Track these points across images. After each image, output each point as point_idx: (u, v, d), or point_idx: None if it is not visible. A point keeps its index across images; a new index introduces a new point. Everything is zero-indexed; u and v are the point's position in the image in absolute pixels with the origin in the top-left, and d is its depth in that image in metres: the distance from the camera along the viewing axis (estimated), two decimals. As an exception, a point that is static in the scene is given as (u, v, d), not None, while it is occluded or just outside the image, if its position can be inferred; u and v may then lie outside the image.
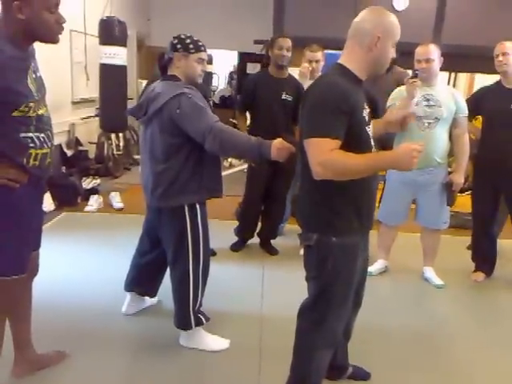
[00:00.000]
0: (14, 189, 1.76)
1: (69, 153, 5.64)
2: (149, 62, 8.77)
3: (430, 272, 3.39)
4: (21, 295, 2.03)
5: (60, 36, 1.79)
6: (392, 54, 1.72)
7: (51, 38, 1.76)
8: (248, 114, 3.77)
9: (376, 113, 2.79)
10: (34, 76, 1.78)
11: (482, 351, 2.59)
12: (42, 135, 1.81)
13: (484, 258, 3.47)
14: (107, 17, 5.36)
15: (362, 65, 1.71)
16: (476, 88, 6.65)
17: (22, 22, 1.66)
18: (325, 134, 1.59)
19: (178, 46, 2.24)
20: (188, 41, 2.24)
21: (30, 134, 1.76)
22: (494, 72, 3.21)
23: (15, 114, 1.69)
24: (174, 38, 2.27)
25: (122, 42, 5.37)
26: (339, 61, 1.75)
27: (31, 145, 1.76)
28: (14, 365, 2.10)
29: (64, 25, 1.77)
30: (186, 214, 2.26)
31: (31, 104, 1.72)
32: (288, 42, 3.39)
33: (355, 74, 1.71)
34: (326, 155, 1.57)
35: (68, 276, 3.13)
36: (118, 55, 5.31)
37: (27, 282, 2.03)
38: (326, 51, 3.69)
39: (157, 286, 2.68)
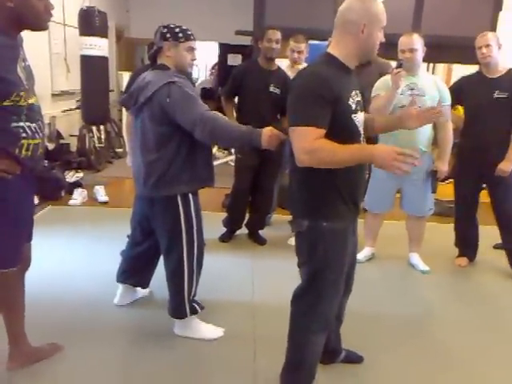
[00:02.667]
0: (7, 180, 1.74)
1: (50, 146, 5.55)
2: (128, 53, 8.69)
3: (415, 258, 3.48)
4: (14, 288, 2.01)
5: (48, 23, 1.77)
6: (380, 38, 1.74)
7: (40, 25, 1.74)
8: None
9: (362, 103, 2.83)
10: (23, 64, 1.76)
11: (468, 333, 2.67)
12: (34, 125, 1.79)
13: (467, 243, 3.57)
14: (87, 7, 5.28)
15: (350, 52, 1.72)
16: (454, 78, 6.80)
17: (10, 10, 1.64)
18: (309, 122, 1.62)
19: (168, 36, 2.23)
20: (177, 30, 2.24)
21: (22, 124, 1.74)
22: (472, 62, 3.27)
23: (6, 103, 1.67)
24: (163, 27, 2.26)
25: (102, 32, 5.30)
26: (328, 49, 1.78)
27: (23, 135, 1.75)
28: (9, 358, 2.09)
29: None
30: (179, 203, 2.27)
31: (22, 93, 1.70)
32: (277, 35, 3.41)
33: (343, 62, 1.73)
34: (310, 143, 1.61)
35: (56, 269, 3.11)
36: (98, 46, 5.25)
37: (20, 274, 2.02)
38: (309, 42, 3.72)
39: (149, 276, 2.69)
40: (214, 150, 6.35)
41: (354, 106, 1.73)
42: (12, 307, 2.04)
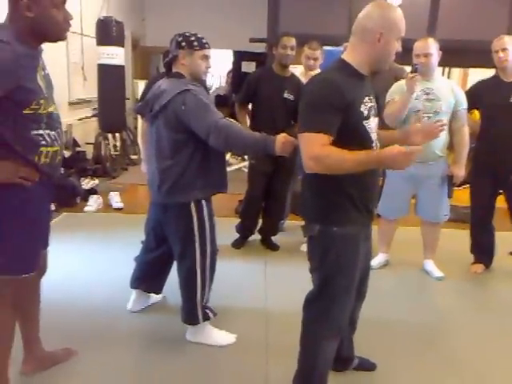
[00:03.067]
0: (26, 187, 1.77)
1: (66, 153, 5.63)
2: (144, 62, 8.80)
3: (430, 265, 3.43)
4: (30, 294, 2.04)
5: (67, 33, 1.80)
6: (397, 48, 1.73)
7: (59, 35, 1.77)
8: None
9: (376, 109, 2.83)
10: (42, 73, 1.79)
11: (482, 341, 2.62)
12: (53, 133, 1.81)
13: (483, 250, 3.51)
14: (104, 17, 5.36)
15: (365, 59, 1.72)
16: (470, 83, 6.73)
17: (30, 20, 1.67)
18: (317, 129, 1.62)
19: (183, 44, 2.26)
20: (192, 38, 2.26)
21: (41, 132, 1.76)
22: (488, 66, 3.23)
23: (26, 111, 1.69)
24: (179, 35, 2.29)
25: (119, 42, 5.37)
26: (342, 56, 1.78)
27: (42, 142, 1.77)
28: (24, 362, 2.11)
29: None
30: (193, 209, 2.28)
31: (41, 101, 1.73)
32: (292, 41, 3.41)
33: (356, 68, 1.73)
34: (317, 150, 1.61)
35: (71, 275, 3.14)
36: (115, 55, 5.32)
37: (37, 280, 2.04)
38: (324, 48, 3.72)
39: (162, 282, 2.70)
40: (228, 156, 6.37)
41: (366, 113, 1.72)
42: (27, 313, 2.07)
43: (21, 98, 1.67)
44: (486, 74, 3.84)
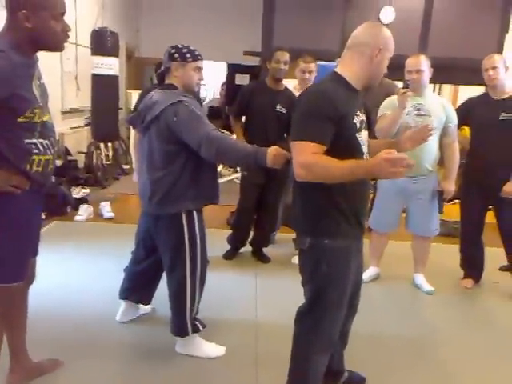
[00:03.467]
0: (16, 196, 1.76)
1: (58, 162, 5.60)
2: (138, 72, 8.82)
3: (420, 279, 3.44)
4: (17, 303, 2.01)
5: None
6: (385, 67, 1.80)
7: (57, 46, 1.79)
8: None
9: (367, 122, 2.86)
10: (38, 82, 1.80)
11: (472, 356, 2.63)
12: (46, 141, 1.81)
13: (472, 264, 3.53)
14: (99, 28, 5.38)
15: (358, 75, 1.76)
16: (460, 99, 6.82)
17: (28, 31, 1.68)
18: (310, 138, 1.64)
19: (176, 56, 2.27)
20: (185, 50, 2.28)
21: (35, 140, 1.76)
22: (478, 83, 3.28)
23: (21, 119, 1.70)
24: (172, 47, 2.30)
25: (114, 52, 5.39)
26: (335, 69, 1.80)
27: (35, 151, 1.77)
28: (10, 372, 2.08)
29: None
30: (184, 221, 2.28)
31: (36, 110, 1.73)
32: (286, 56, 3.45)
33: (349, 82, 1.76)
34: (308, 158, 1.62)
35: (60, 285, 3.11)
36: (110, 65, 5.33)
37: (25, 288, 2.02)
38: (317, 62, 3.76)
39: (151, 293, 2.68)
40: (220, 167, 6.39)
41: (358, 125, 1.74)
42: (14, 322, 2.04)
43: (15, 106, 1.68)
44: (476, 91, 3.91)
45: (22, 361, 2.10)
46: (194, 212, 2.30)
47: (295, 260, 3.66)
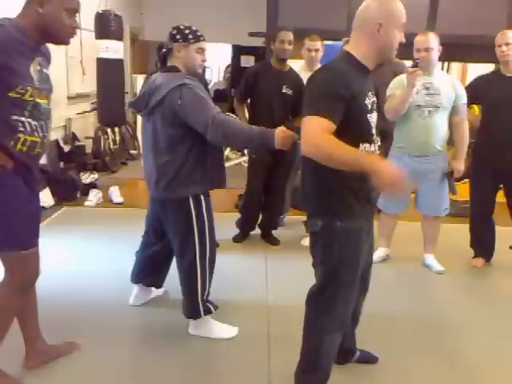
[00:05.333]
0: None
1: (66, 148, 5.62)
2: (142, 56, 8.75)
3: (430, 259, 3.44)
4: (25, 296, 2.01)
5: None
6: (400, 38, 1.72)
7: (63, 37, 1.79)
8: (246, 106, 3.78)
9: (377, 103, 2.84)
10: (38, 68, 1.78)
11: (483, 335, 2.64)
12: (35, 123, 1.79)
13: (483, 244, 3.52)
14: (103, 10, 5.34)
15: (368, 52, 1.72)
16: (469, 77, 6.72)
17: (39, 16, 1.70)
18: (320, 113, 1.59)
19: (178, 37, 2.24)
20: (187, 31, 2.25)
21: (23, 119, 1.74)
22: (487, 61, 3.22)
23: (11, 94, 1.69)
24: (173, 28, 2.27)
25: (118, 36, 5.35)
26: (347, 49, 1.78)
27: (21, 129, 1.74)
28: (26, 357, 2.12)
29: None
30: (191, 204, 2.28)
31: (29, 88, 1.72)
32: (289, 36, 3.41)
33: (361, 62, 1.73)
34: (318, 135, 1.58)
35: (71, 269, 3.15)
36: (114, 49, 5.30)
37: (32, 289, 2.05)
38: (323, 42, 3.71)
39: (163, 276, 2.71)
40: (227, 151, 6.37)
41: (369, 106, 1.73)
42: (25, 311, 2.06)
43: (5, 77, 1.66)
44: (485, 68, 3.84)
45: (37, 345, 2.14)
46: (202, 196, 2.31)
47: (305, 242, 3.67)
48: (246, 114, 3.76)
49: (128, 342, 2.41)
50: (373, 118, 1.76)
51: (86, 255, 3.40)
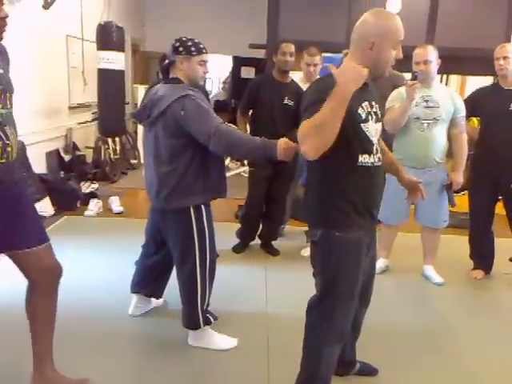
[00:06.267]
0: None
1: (66, 157, 5.65)
2: (143, 67, 8.83)
3: (430, 270, 3.44)
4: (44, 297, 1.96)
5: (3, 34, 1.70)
6: (397, 55, 1.74)
7: None
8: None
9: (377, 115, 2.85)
10: None
11: (483, 347, 2.63)
12: None
13: (482, 256, 3.53)
14: (105, 22, 5.38)
15: (361, 66, 1.74)
16: (467, 90, 6.77)
17: None
18: (307, 119, 1.61)
19: (180, 49, 2.26)
20: (190, 43, 2.27)
21: None
22: (486, 74, 3.25)
23: None
24: (176, 40, 2.30)
25: (119, 47, 5.39)
26: (344, 60, 1.80)
27: None
28: (32, 381, 1.99)
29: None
30: (192, 215, 2.29)
31: None
32: (291, 48, 3.44)
33: None
34: (300, 132, 1.62)
35: (71, 279, 3.09)
36: (116, 60, 5.33)
37: (46, 288, 1.96)
38: (323, 54, 3.74)
39: (163, 287, 2.71)
40: (227, 161, 6.39)
41: (364, 116, 1.73)
42: (39, 326, 1.97)
43: None
44: (484, 81, 3.87)
45: (46, 370, 1.99)
46: (202, 206, 2.31)
47: (304, 252, 3.68)
48: (247, 126, 3.78)
49: (127, 353, 2.40)
50: (369, 127, 1.76)
51: (85, 265, 3.39)
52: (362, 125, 1.73)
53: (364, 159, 1.75)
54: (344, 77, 1.56)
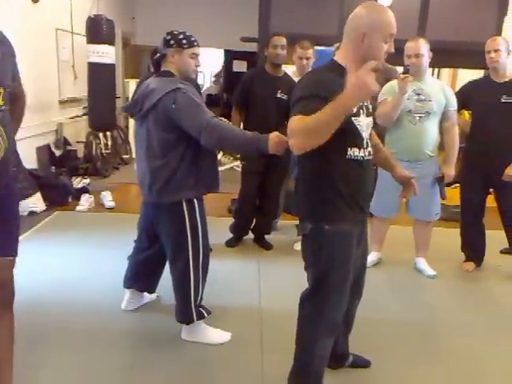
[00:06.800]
0: None
1: (57, 152, 5.61)
2: (134, 60, 8.75)
3: (422, 263, 3.47)
4: None
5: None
6: (389, 49, 1.73)
7: None
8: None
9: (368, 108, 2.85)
10: None
11: (474, 338, 2.66)
12: None
13: (473, 248, 3.55)
14: (95, 15, 5.33)
15: (353, 60, 1.73)
16: (459, 83, 6.79)
17: None
18: (299, 113, 1.62)
19: (172, 42, 2.25)
20: (181, 36, 2.26)
21: None
22: (477, 67, 3.26)
23: None
24: (167, 33, 2.28)
25: (110, 40, 5.35)
26: (334, 57, 1.80)
27: None
28: None
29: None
30: (185, 209, 2.28)
31: None
32: (282, 41, 3.42)
33: (346, 68, 1.74)
34: (291, 126, 1.62)
35: (63, 275, 3.13)
36: (106, 54, 5.29)
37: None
38: (315, 47, 3.73)
39: (156, 281, 2.70)
40: (220, 155, 6.37)
41: (354, 109, 1.71)
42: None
43: None
44: (475, 74, 3.88)
45: None
46: (195, 200, 2.31)
47: (297, 246, 3.67)
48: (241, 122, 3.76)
49: (120, 347, 2.39)
50: (360, 121, 1.76)
51: (77, 260, 3.37)
52: (353, 118, 1.73)
53: (354, 153, 1.75)
54: (359, 91, 1.53)
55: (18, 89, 1.87)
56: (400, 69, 3.17)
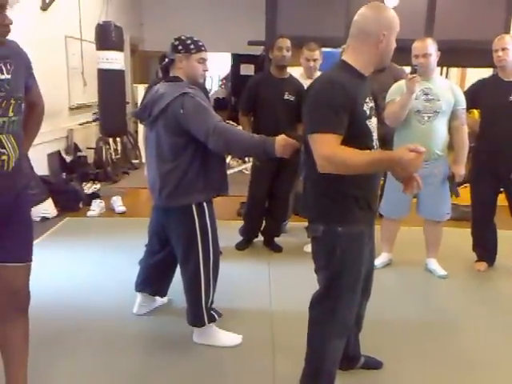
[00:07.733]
0: None
1: (68, 159, 5.66)
2: (143, 66, 8.82)
3: (433, 263, 3.44)
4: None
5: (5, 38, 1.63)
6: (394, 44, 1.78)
7: None
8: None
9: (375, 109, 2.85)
10: None
11: (487, 339, 2.63)
12: None
13: (485, 248, 3.52)
14: (104, 22, 5.38)
15: (367, 61, 1.75)
16: (468, 82, 6.75)
17: None
18: (327, 129, 1.64)
19: (180, 47, 2.27)
20: (189, 41, 2.28)
21: None
22: (485, 66, 3.24)
23: None
24: (175, 39, 2.30)
25: (118, 46, 5.39)
26: (342, 57, 1.80)
27: None
28: None
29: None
30: (194, 212, 2.29)
31: None
32: (287, 42, 3.44)
33: (358, 69, 1.75)
34: (329, 150, 1.63)
35: (75, 280, 3.15)
36: (115, 60, 5.34)
37: (15, 319, 1.80)
38: (322, 49, 3.74)
39: (167, 285, 2.71)
40: (228, 158, 6.39)
41: (368, 112, 1.75)
42: (10, 355, 1.82)
43: None
44: (484, 73, 3.86)
45: None
46: (205, 203, 2.32)
47: (307, 248, 3.67)
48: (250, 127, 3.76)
49: (132, 351, 2.41)
50: (372, 123, 1.79)
51: (89, 265, 3.40)
52: (367, 121, 1.75)
53: None
54: (401, 171, 1.64)
55: (35, 99, 1.88)
56: (408, 69, 3.17)
